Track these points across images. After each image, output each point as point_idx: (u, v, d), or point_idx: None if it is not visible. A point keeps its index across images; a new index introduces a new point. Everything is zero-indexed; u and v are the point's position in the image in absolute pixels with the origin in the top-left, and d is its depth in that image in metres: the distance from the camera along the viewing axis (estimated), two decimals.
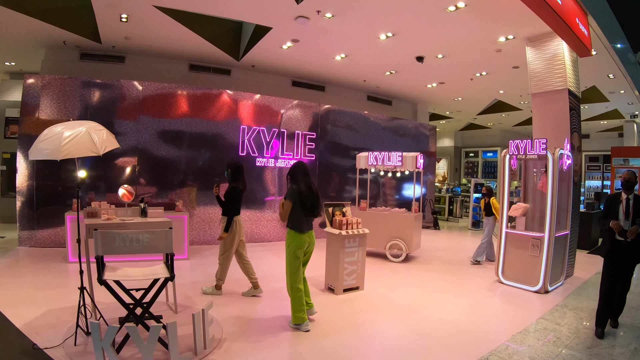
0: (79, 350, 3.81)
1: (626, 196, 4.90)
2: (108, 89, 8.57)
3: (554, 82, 7.61)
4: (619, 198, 4.95)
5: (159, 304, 5.06)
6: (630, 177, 4.93)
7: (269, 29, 8.13)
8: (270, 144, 10.12)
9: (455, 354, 4.28)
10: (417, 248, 9.13)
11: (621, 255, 4.91)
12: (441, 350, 4.33)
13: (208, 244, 9.29)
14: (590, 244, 11.10)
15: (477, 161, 21.63)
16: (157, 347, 3.64)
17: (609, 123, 17.69)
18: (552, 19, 6.35)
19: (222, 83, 10.76)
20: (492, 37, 8.21)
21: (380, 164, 8.91)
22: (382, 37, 8.33)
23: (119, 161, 8.57)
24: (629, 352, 4.43)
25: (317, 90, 12.75)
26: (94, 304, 4.38)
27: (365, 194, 10.08)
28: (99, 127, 4.52)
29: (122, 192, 7.00)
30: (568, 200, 7.31)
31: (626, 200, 4.88)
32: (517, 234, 6.98)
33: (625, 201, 4.88)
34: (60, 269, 6.75)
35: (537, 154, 6.63)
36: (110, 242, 4.16)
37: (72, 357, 3.67)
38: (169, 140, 8.98)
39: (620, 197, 4.95)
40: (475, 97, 14.20)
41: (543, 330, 5.01)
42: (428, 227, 13.75)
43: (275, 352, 4.10)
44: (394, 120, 13.24)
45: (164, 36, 8.79)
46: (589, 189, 19.58)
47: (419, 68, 10.35)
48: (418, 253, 9.38)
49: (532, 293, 6.58)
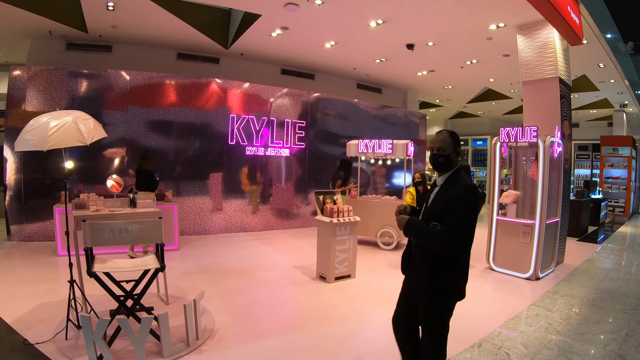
0: (71, 344, 3.77)
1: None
2: (95, 79, 8.43)
3: (545, 70, 7.60)
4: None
5: (150, 296, 5.02)
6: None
7: (258, 16, 8.02)
8: (259, 132, 10.06)
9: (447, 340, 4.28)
10: None
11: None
12: None
13: (198, 234, 9.25)
14: (580, 231, 11.20)
15: (467, 149, 21.69)
16: (149, 339, 3.62)
17: (598, 112, 17.78)
18: (544, 7, 6.32)
19: (210, 72, 10.64)
20: (483, 25, 8.16)
21: (371, 151, 8.89)
22: (373, 24, 8.25)
23: (107, 152, 8.46)
24: (620, 338, 4.47)
25: (306, 78, 12.64)
26: (84, 297, 4.33)
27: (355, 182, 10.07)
28: (85, 117, 4.43)
29: (111, 183, 6.92)
30: (558, 187, 7.35)
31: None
32: (508, 221, 7.02)
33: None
34: (50, 262, 6.68)
35: (528, 142, 6.65)
36: (99, 234, 4.11)
37: (64, 352, 3.63)
38: (158, 130, 8.88)
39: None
40: (465, 85, 14.17)
41: (534, 317, 5.05)
42: None
43: (268, 342, 4.10)
44: (384, 108, 13.21)
45: (152, 24, 8.64)
46: (578, 178, 19.75)
47: (409, 56, 10.29)
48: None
49: (523, 280, 6.63)
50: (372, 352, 4.01)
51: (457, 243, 2.62)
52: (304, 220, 11.00)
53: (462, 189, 2.68)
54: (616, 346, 4.25)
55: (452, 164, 2.83)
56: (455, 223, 2.61)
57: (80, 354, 3.57)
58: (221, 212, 9.64)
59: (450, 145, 2.82)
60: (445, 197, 2.72)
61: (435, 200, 2.80)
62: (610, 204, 16.76)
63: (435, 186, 2.91)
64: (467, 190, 2.67)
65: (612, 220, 15.45)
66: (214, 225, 9.53)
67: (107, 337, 3.61)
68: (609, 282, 6.71)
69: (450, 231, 2.60)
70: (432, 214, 2.76)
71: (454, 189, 2.73)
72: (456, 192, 2.69)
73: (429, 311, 2.78)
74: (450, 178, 2.81)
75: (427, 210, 2.84)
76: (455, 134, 2.88)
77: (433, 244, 2.67)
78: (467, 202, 2.66)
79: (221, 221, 9.65)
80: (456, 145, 2.85)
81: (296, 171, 10.83)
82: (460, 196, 2.66)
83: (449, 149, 2.81)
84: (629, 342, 4.36)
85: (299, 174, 10.89)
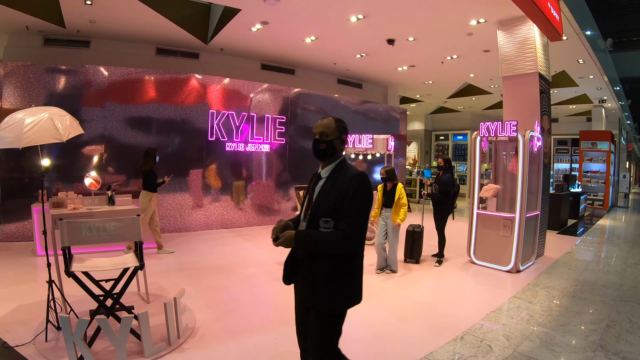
0: (51, 346, 3.70)
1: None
2: (73, 75, 8.25)
3: (524, 66, 7.68)
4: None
5: (130, 295, 4.94)
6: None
7: (238, 10, 7.95)
8: (239, 128, 9.97)
9: (430, 333, 4.32)
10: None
11: None
12: (416, 332, 4.38)
13: (179, 232, 9.15)
14: (560, 224, 11.38)
15: (447, 144, 21.84)
16: (130, 339, 3.57)
17: (577, 107, 18.08)
18: (524, 3, 6.33)
19: (190, 67, 10.53)
20: (463, 21, 8.21)
21: (351, 146, 8.89)
22: (353, 19, 8.24)
23: (85, 150, 8.30)
24: (600, 328, 4.55)
25: (287, 73, 12.61)
26: (63, 297, 4.24)
27: None
28: (62, 113, 4.34)
29: (89, 181, 6.77)
30: (538, 181, 7.45)
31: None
32: (489, 215, 7.09)
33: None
34: (28, 263, 6.53)
35: (508, 136, 6.71)
36: (76, 232, 4.04)
37: (44, 354, 3.56)
38: (137, 126, 8.74)
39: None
40: (445, 80, 14.27)
41: (516, 309, 5.11)
42: None
43: (250, 339, 4.07)
44: (365, 103, 13.23)
45: (130, 19, 8.51)
46: (558, 172, 20.06)
47: (390, 51, 10.31)
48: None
49: (504, 273, 6.71)
50: (353, 347, 4.00)
51: (361, 240, 2.40)
52: (285, 216, 10.94)
53: (355, 180, 2.39)
54: (597, 337, 4.32)
55: (336, 151, 2.55)
56: (354, 219, 2.34)
57: (61, 355, 3.51)
58: (202, 208, 9.56)
59: (334, 131, 2.54)
60: (336, 190, 2.40)
61: (322, 195, 2.47)
62: (590, 197, 17.08)
63: (319, 179, 2.58)
64: (361, 180, 2.39)
65: (591, 214, 15.73)
66: (194, 222, 9.44)
67: (88, 338, 3.56)
68: (589, 274, 6.83)
69: (352, 229, 2.32)
70: (318, 211, 2.42)
71: (343, 181, 2.42)
72: (349, 184, 2.38)
73: (319, 321, 2.46)
74: (337, 168, 2.53)
75: (313, 207, 2.48)
76: (341, 120, 2.64)
77: (335, 248, 2.35)
78: (364, 194, 2.39)
79: (202, 218, 9.56)
80: (341, 132, 2.57)
81: (277, 167, 10.79)
82: (354, 188, 2.36)
83: (332, 135, 2.53)
84: (609, 333, 4.43)
85: (280, 169, 10.85)
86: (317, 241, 2.36)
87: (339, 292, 2.41)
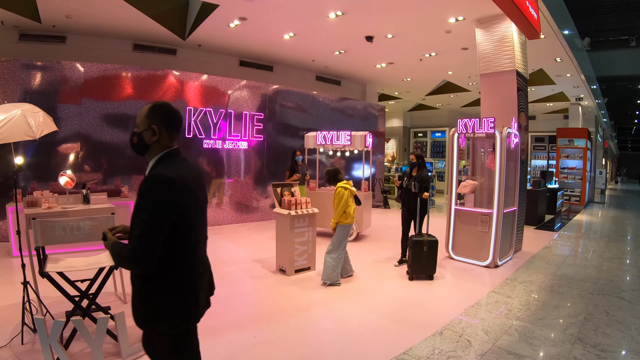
0: (27, 349, 3.64)
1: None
2: (49, 71, 8.07)
3: (502, 63, 7.76)
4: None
5: (107, 295, 4.88)
6: None
7: (216, 6, 7.86)
8: (217, 125, 9.89)
9: (409, 329, 4.35)
10: (368, 227, 9.28)
11: None
12: (395, 327, 4.40)
13: None
14: (537, 220, 11.55)
15: (425, 141, 21.98)
16: (107, 340, 3.53)
17: (554, 105, 18.39)
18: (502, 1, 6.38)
19: (167, 63, 10.40)
20: (442, 18, 8.26)
21: (329, 143, 8.90)
22: (332, 15, 8.22)
23: (61, 147, 8.13)
24: (578, 322, 4.63)
25: (265, 70, 12.53)
26: (39, 299, 4.15)
27: (314, 174, 10.03)
28: (35, 110, 4.27)
29: (65, 179, 6.64)
30: (515, 177, 7.54)
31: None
32: (466, 211, 7.15)
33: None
34: (4, 264, 6.36)
35: (485, 133, 6.78)
36: (49, 232, 3.96)
37: (20, 357, 3.49)
38: (113, 123, 8.59)
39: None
40: (424, 77, 14.35)
41: (494, 304, 5.17)
42: (378, 206, 13.96)
43: (228, 337, 4.05)
44: (343, 100, 13.24)
45: (107, 14, 8.34)
46: (535, 168, 20.37)
47: (369, 48, 10.32)
48: (369, 232, 9.49)
49: (482, 268, 6.79)
50: (332, 344, 4.02)
51: (149, 258, 1.86)
52: (263, 213, 10.92)
53: (144, 183, 1.92)
54: (575, 330, 4.40)
55: (148, 145, 2.07)
56: (138, 231, 1.86)
57: (37, 358, 3.45)
58: None
59: (144, 120, 2.06)
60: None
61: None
62: (567, 193, 17.37)
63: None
64: (151, 183, 1.91)
65: (568, 209, 16.00)
66: None
67: (64, 340, 3.51)
68: (566, 268, 6.95)
69: (135, 244, 1.87)
70: (132, 221, 1.95)
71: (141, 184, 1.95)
72: (139, 188, 1.93)
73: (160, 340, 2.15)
74: (153, 167, 2.07)
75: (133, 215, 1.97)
76: (162, 105, 2.11)
77: (130, 266, 1.93)
78: (152, 200, 1.89)
79: None
80: (152, 120, 2.05)
81: (255, 164, 10.72)
82: (141, 193, 1.91)
83: (142, 125, 2.06)
84: (587, 326, 4.51)
85: (258, 166, 10.79)
86: (117, 255, 1.96)
87: (155, 312, 2.01)
